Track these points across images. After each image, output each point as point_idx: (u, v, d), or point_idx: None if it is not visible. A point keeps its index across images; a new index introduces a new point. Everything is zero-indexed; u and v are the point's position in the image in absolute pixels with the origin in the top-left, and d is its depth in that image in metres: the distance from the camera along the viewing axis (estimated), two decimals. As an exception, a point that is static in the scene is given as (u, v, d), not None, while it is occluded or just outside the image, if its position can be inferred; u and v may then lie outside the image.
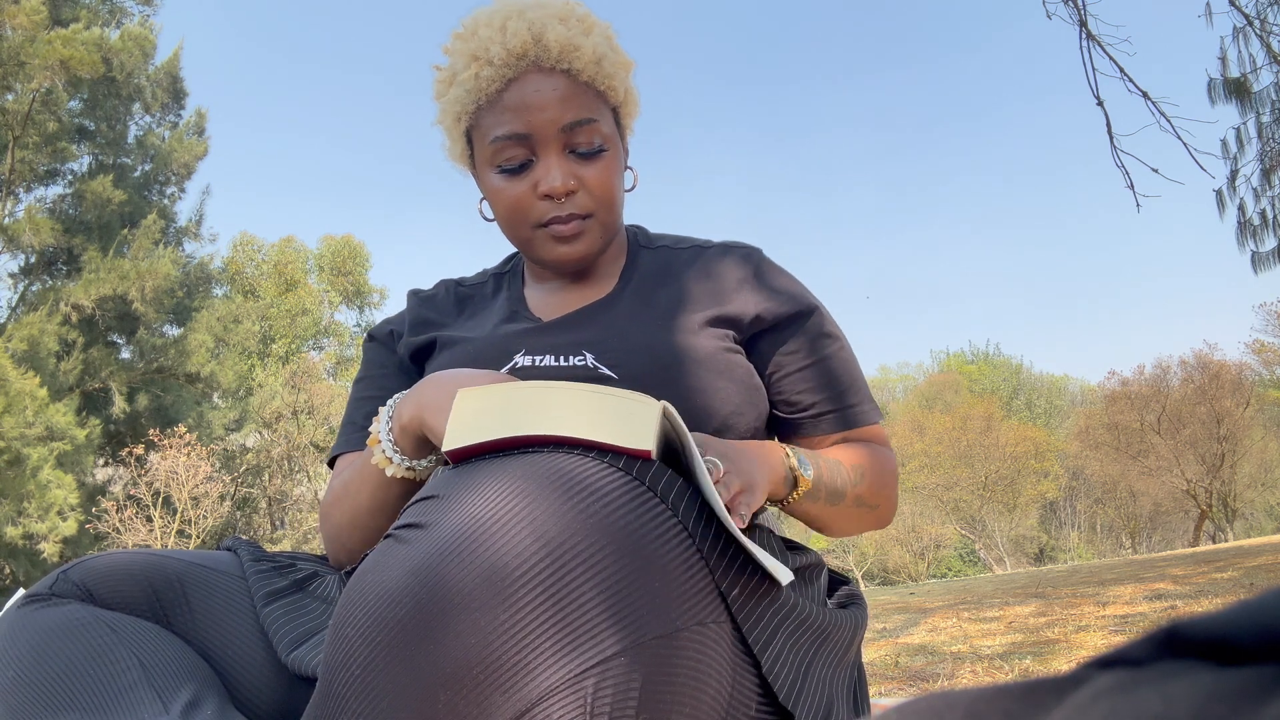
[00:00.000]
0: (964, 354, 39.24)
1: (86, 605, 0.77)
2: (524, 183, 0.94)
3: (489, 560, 0.52)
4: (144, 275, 15.04)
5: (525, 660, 0.51)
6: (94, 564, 0.80)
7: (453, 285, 1.13)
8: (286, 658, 0.76)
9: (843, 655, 0.76)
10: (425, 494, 0.60)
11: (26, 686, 0.70)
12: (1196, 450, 19.91)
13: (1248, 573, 5.05)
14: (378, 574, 0.55)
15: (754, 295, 0.98)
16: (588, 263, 1.00)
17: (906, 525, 24.76)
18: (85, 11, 15.43)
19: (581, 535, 0.54)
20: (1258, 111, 8.50)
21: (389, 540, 0.58)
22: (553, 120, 0.92)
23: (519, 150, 0.93)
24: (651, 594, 0.55)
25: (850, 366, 1.01)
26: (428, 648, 0.51)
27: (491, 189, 0.97)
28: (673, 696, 0.56)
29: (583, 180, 0.94)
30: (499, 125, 0.93)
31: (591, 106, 0.94)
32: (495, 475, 0.57)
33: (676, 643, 0.56)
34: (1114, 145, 4.68)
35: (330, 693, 0.55)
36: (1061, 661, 2.96)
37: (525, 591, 0.52)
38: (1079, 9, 4.58)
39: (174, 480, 13.69)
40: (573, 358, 0.92)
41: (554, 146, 0.93)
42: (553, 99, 0.92)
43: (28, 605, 0.76)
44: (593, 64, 0.93)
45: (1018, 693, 0.22)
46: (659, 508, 0.59)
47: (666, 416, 0.65)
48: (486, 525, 0.54)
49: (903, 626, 4.57)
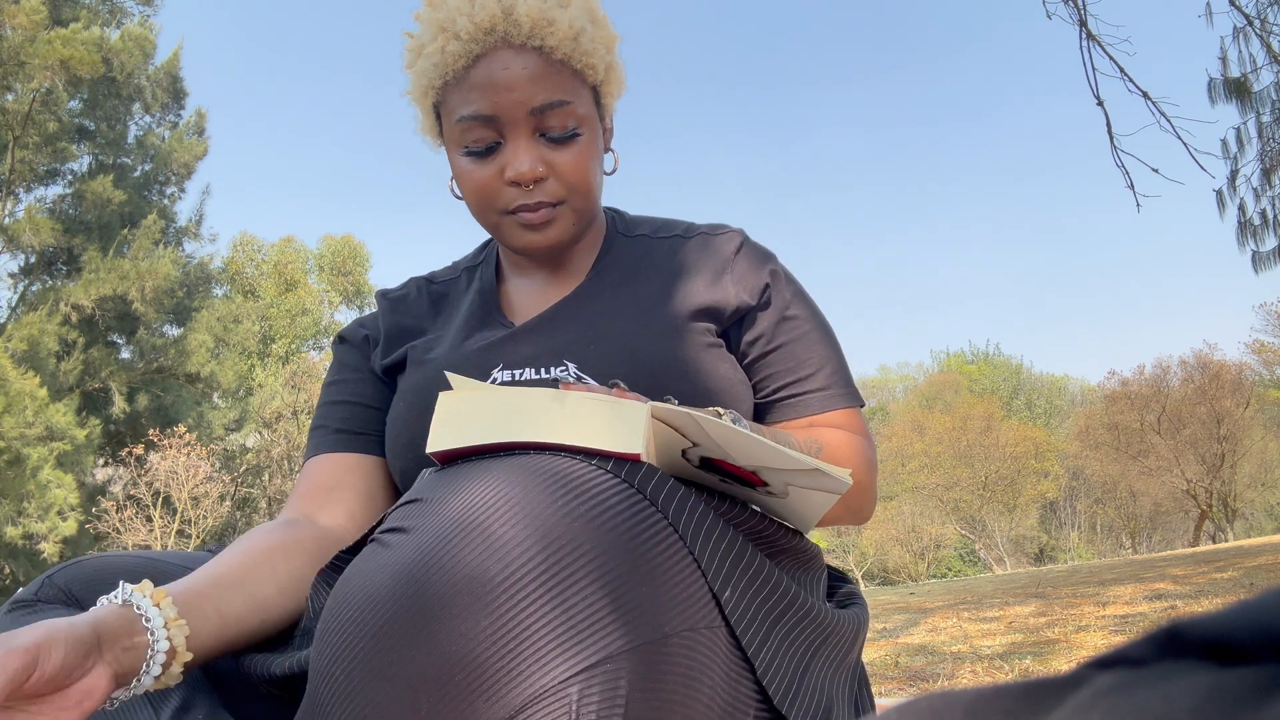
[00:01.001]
0: (964, 354, 39.24)
1: (71, 610, 0.74)
2: (491, 166, 0.89)
3: (472, 565, 0.51)
4: (144, 275, 15.04)
5: (509, 666, 0.50)
6: (79, 568, 0.78)
7: (424, 284, 1.07)
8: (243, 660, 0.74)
9: (844, 656, 0.75)
10: (410, 497, 0.59)
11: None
12: (1196, 450, 19.90)
13: (1248, 573, 5.05)
14: (361, 579, 0.54)
15: (733, 285, 0.95)
16: (560, 250, 0.95)
17: (906, 525, 24.76)
18: (85, 11, 15.43)
19: (568, 539, 0.53)
20: (1258, 111, 8.50)
21: (373, 545, 0.57)
22: (521, 101, 0.86)
23: (486, 132, 0.88)
24: (640, 598, 0.54)
25: (816, 349, 0.96)
26: (410, 653, 0.50)
27: (458, 170, 0.93)
28: (661, 703, 0.55)
29: (553, 166, 0.89)
30: (465, 104, 0.87)
31: (565, 87, 0.88)
32: (478, 478, 0.56)
33: (666, 648, 0.55)
34: (1114, 145, 4.68)
35: (316, 698, 0.54)
36: (1061, 661, 2.96)
37: (509, 596, 0.51)
38: (1079, 9, 4.58)
39: (174, 480, 13.69)
40: (554, 369, 0.89)
41: (523, 130, 0.87)
42: (522, 78, 0.85)
43: (14, 611, 0.74)
44: (569, 40, 0.86)
45: (1018, 693, 0.22)
46: (649, 510, 0.58)
47: (657, 415, 0.65)
48: (469, 529, 0.53)
49: (903, 626, 4.56)
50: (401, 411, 0.93)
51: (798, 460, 0.64)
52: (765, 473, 0.68)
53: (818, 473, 0.65)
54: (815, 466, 0.64)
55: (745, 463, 0.67)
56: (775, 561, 0.70)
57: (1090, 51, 4.57)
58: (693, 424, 0.65)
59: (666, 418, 0.65)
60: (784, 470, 0.67)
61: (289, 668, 0.68)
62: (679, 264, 0.97)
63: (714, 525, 0.62)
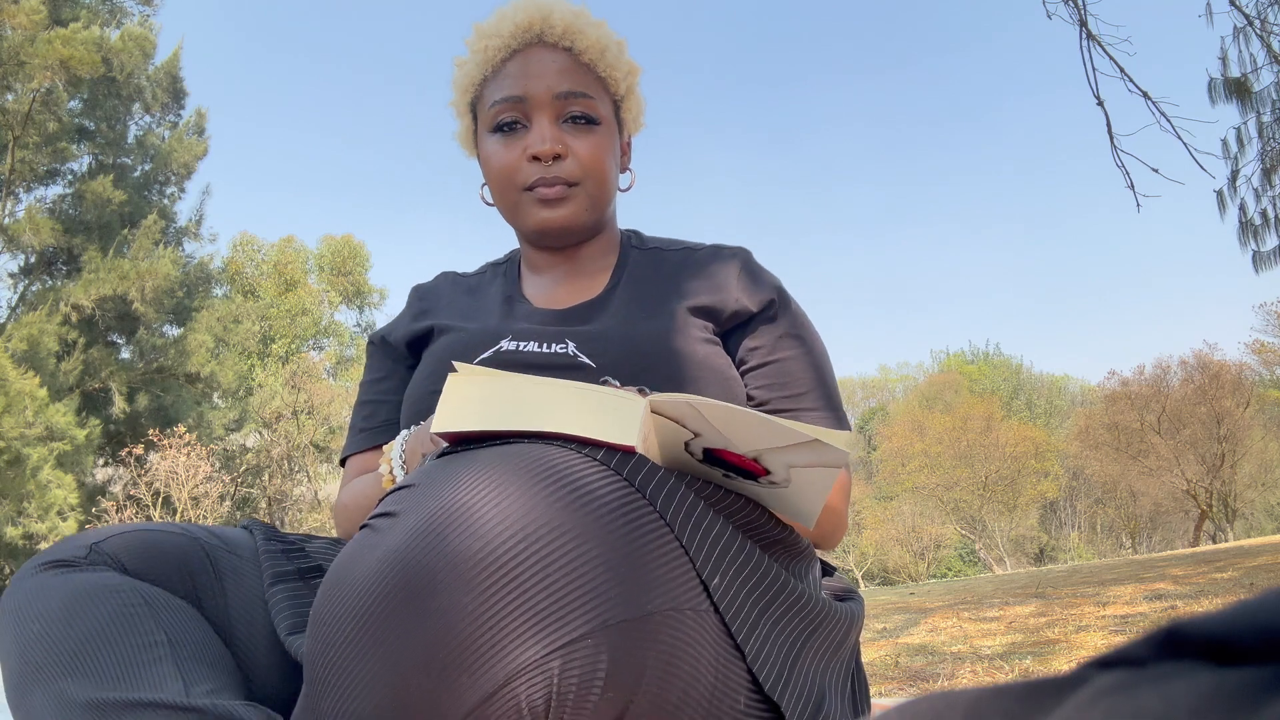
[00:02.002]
0: (964, 354, 39.26)
1: (121, 574, 0.76)
2: (516, 147, 0.99)
3: (456, 546, 0.53)
4: (144, 275, 15.05)
5: (492, 643, 0.51)
6: (128, 538, 0.79)
7: (453, 276, 1.17)
8: (285, 638, 0.78)
9: (836, 648, 0.76)
10: (403, 483, 0.61)
11: (49, 644, 0.69)
12: (1196, 450, 19.91)
13: (1248, 573, 5.05)
14: (352, 563, 0.56)
15: (735, 291, 1.00)
16: (572, 232, 1.02)
17: (906, 525, 24.78)
18: (85, 11, 15.43)
19: (553, 522, 0.55)
20: (1258, 111, 8.49)
21: (365, 530, 0.58)
22: (549, 87, 0.97)
23: (513, 112, 0.98)
24: (623, 578, 0.56)
25: (810, 372, 1.00)
26: (398, 633, 0.52)
27: (486, 155, 1.02)
28: (642, 678, 0.57)
29: (571, 148, 0.98)
30: (499, 90, 0.99)
31: (589, 84, 0.99)
32: (470, 464, 0.58)
33: (648, 626, 0.57)
34: (1114, 145, 4.68)
35: (313, 679, 0.56)
36: (1061, 661, 2.96)
37: (491, 575, 0.52)
38: (1079, 9, 4.58)
39: (174, 480, 13.69)
40: (555, 345, 0.94)
41: (547, 112, 0.98)
42: (552, 69, 0.97)
43: (54, 569, 0.75)
44: (596, 49, 0.99)
45: (1018, 693, 0.22)
46: (636, 498, 0.59)
47: (656, 408, 0.66)
48: (455, 512, 0.54)
49: (903, 626, 4.56)
50: (418, 381, 1.00)
51: (796, 433, 0.65)
52: (767, 458, 0.68)
53: (818, 444, 0.66)
54: (814, 437, 0.65)
55: (746, 448, 0.67)
56: (767, 552, 0.71)
57: (1090, 51, 4.57)
58: (692, 412, 0.66)
59: (665, 409, 0.66)
60: (784, 450, 0.68)
61: None
62: (686, 271, 1.04)
63: (704, 514, 0.64)
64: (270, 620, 0.82)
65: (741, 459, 0.69)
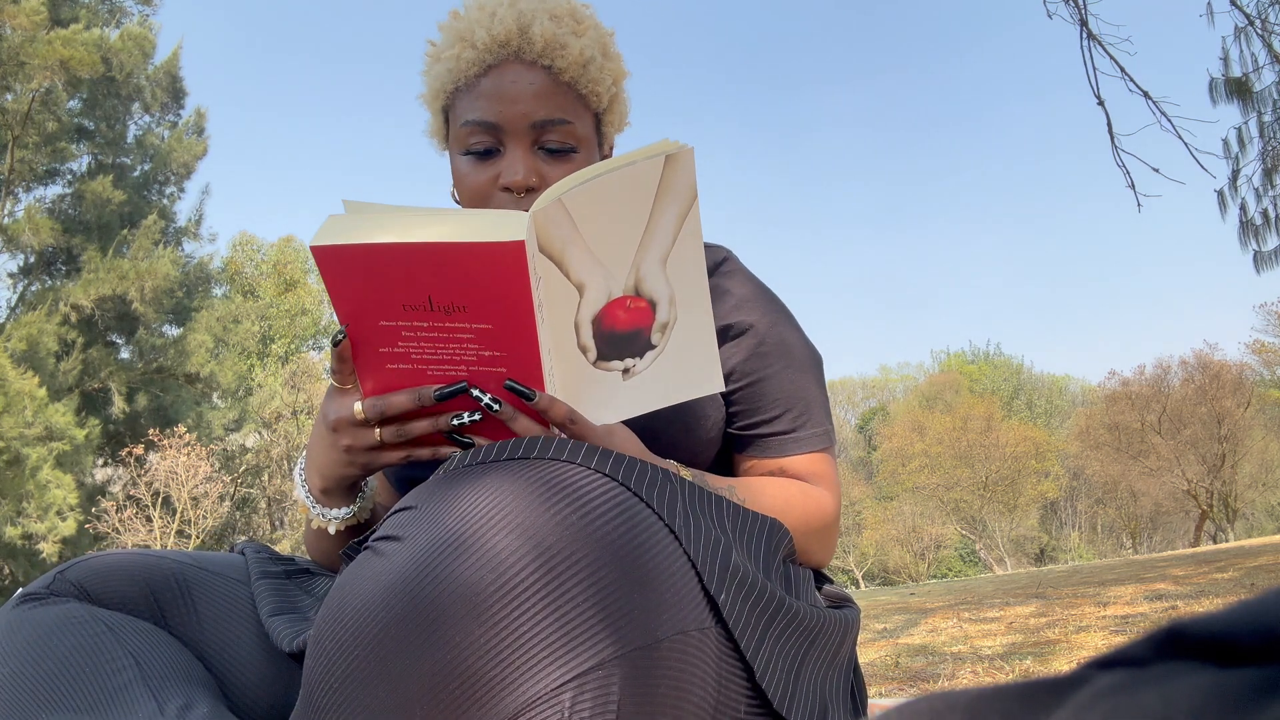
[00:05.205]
0: (964, 354, 39.24)
1: (84, 604, 0.77)
2: (487, 172, 0.93)
3: (466, 575, 0.52)
4: (144, 275, 15.04)
5: (502, 675, 0.51)
6: (91, 564, 0.80)
7: None
8: (267, 619, 0.78)
9: (833, 656, 0.75)
10: (404, 504, 0.60)
11: (22, 682, 0.70)
12: (1197, 450, 19.91)
13: (1248, 573, 5.04)
14: (355, 587, 0.55)
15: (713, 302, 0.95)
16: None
17: (907, 525, 24.78)
18: (85, 11, 15.43)
19: (561, 548, 0.54)
20: (1259, 111, 8.48)
21: (367, 552, 0.58)
22: (524, 114, 0.90)
23: (486, 137, 0.92)
24: (632, 605, 0.55)
25: (789, 387, 0.94)
26: (404, 662, 0.51)
27: (457, 172, 0.96)
28: (653, 706, 0.56)
29: (545, 178, 0.92)
30: (471, 110, 0.92)
31: (568, 108, 0.92)
32: (473, 484, 0.57)
33: (657, 653, 0.55)
34: (1115, 145, 4.68)
35: (311, 704, 0.55)
36: (1061, 662, 2.95)
37: (502, 606, 0.51)
38: (1080, 8, 4.57)
39: (173, 480, 13.69)
40: None
41: (522, 141, 0.91)
42: (528, 93, 0.90)
43: (24, 604, 0.76)
44: (578, 65, 0.91)
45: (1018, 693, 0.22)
46: (643, 514, 0.58)
47: (536, 217, 0.66)
48: (463, 539, 0.53)
49: (903, 627, 4.56)
50: None
51: (622, 161, 0.67)
52: (647, 284, 0.71)
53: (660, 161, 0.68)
54: (632, 161, 0.66)
55: (606, 250, 0.69)
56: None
57: (1091, 51, 4.56)
58: (560, 211, 0.67)
59: (539, 218, 0.66)
60: (650, 246, 0.70)
61: (300, 644, 0.73)
62: None
63: (708, 530, 0.63)
64: (248, 630, 0.82)
65: (629, 311, 0.71)
